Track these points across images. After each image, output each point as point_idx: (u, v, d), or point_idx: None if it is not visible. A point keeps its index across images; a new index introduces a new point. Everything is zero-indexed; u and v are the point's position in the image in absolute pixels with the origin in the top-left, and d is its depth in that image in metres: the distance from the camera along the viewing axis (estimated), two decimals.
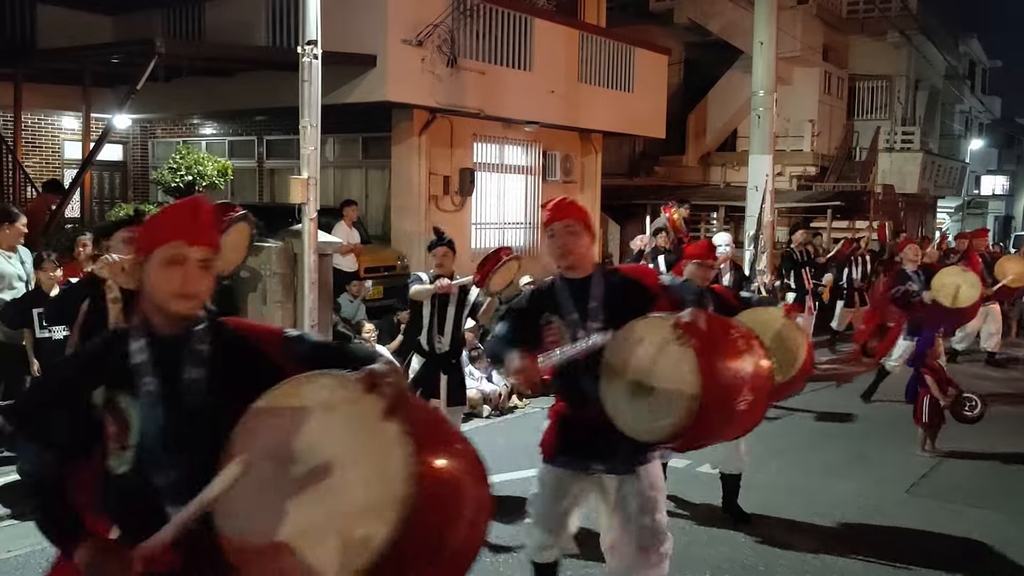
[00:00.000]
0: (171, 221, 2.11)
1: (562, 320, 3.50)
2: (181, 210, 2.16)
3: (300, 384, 2.00)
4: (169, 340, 2.09)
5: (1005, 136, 39.86)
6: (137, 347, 2.08)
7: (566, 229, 3.50)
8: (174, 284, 2.04)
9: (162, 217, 2.16)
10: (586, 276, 3.53)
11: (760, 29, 11.35)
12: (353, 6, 10.92)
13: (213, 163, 9.36)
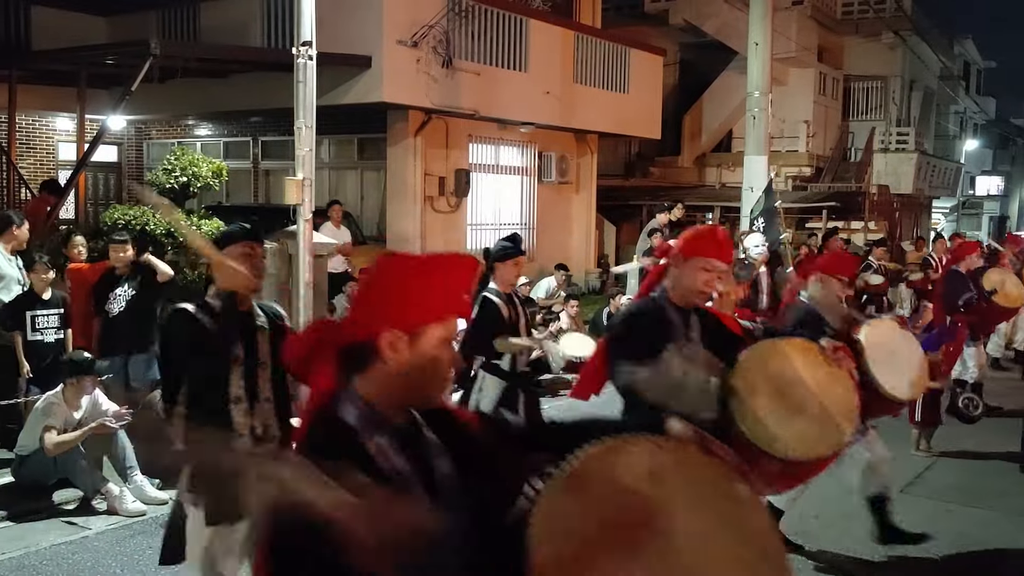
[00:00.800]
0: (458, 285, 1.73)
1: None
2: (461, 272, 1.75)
3: (608, 454, 1.68)
4: (402, 429, 1.69)
5: (1000, 137, 39.93)
6: (378, 448, 1.62)
7: (722, 272, 3.35)
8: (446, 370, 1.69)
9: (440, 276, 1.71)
10: (689, 308, 3.38)
11: (755, 30, 11.37)
12: (348, 7, 10.92)
13: (208, 164, 9.33)
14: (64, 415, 5.75)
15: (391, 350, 1.63)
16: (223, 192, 13.44)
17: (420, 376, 1.66)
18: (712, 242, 3.34)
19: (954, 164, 27.82)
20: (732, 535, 1.64)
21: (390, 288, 1.66)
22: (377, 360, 1.64)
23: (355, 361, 1.67)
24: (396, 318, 1.63)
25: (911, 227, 22.61)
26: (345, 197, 13.62)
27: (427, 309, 1.65)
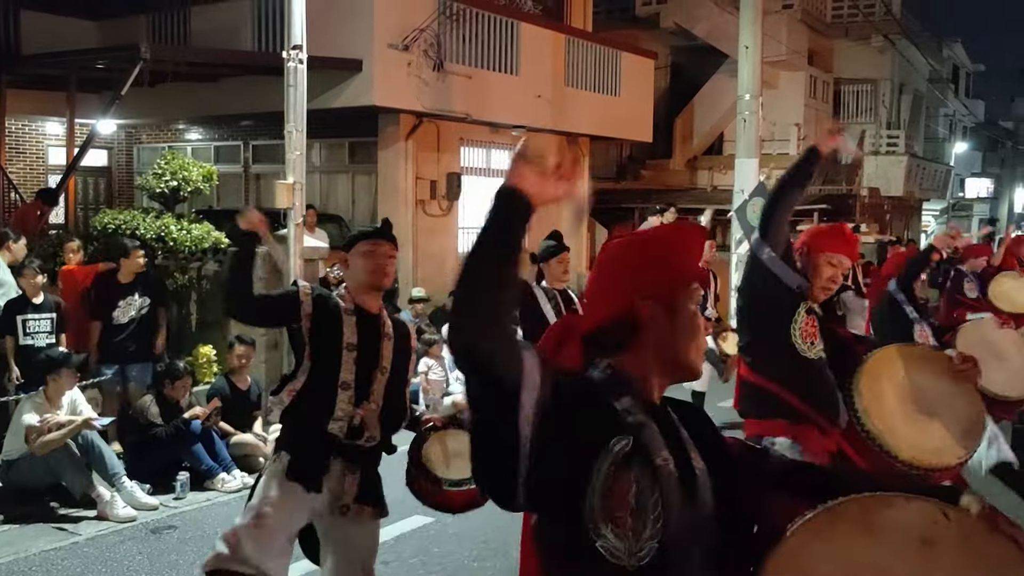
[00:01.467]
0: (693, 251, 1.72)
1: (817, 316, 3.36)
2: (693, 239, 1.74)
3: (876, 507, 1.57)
4: (658, 411, 1.62)
5: (989, 139, 40.16)
6: (624, 407, 1.55)
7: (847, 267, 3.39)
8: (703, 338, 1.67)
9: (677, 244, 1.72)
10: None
11: (745, 33, 11.40)
12: (339, 11, 10.91)
13: (198, 168, 9.31)
14: (46, 414, 5.74)
15: (652, 320, 1.60)
16: (214, 196, 13.40)
17: (680, 343, 1.63)
18: (840, 238, 3.39)
19: (944, 167, 27.96)
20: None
21: (634, 264, 1.66)
22: (633, 336, 1.61)
23: (606, 343, 1.64)
24: (649, 290, 1.61)
25: (902, 229, 22.70)
26: (336, 201, 13.61)
27: (676, 276, 1.64)
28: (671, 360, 1.63)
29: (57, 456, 5.67)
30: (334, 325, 3.23)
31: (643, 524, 1.46)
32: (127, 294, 6.85)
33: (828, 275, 3.27)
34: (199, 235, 8.56)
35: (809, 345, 3.22)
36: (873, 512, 1.56)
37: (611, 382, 1.59)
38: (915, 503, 1.56)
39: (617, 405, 1.55)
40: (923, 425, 3.09)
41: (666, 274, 1.64)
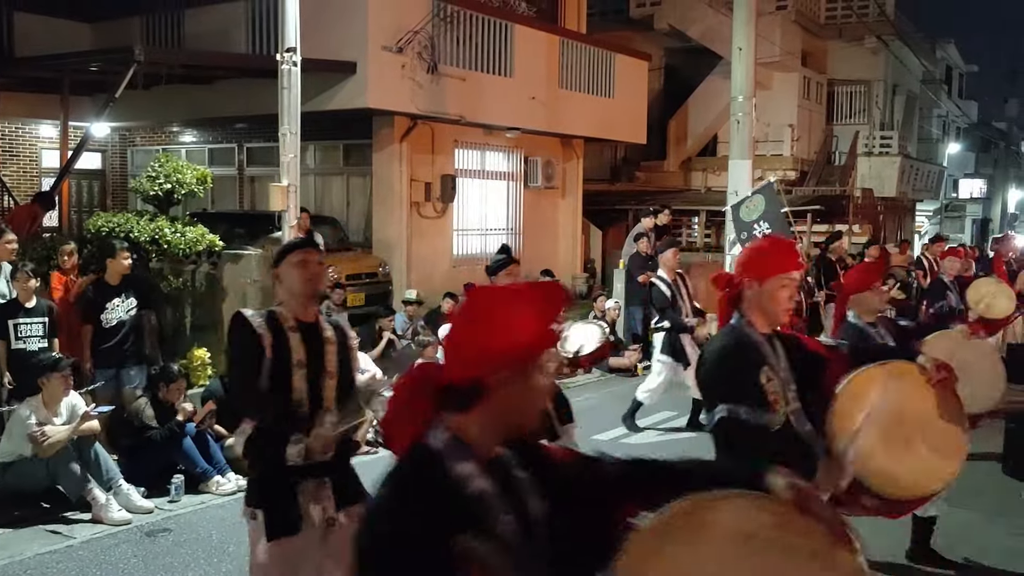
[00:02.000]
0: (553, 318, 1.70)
1: (777, 378, 3.09)
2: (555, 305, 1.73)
3: (696, 512, 1.62)
4: (496, 465, 1.65)
5: (982, 140, 40.29)
6: (464, 474, 1.60)
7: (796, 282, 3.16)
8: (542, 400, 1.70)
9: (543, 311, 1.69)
10: (768, 334, 3.16)
11: (739, 35, 11.42)
12: (333, 13, 10.92)
13: (192, 171, 9.31)
14: (43, 418, 5.73)
15: (500, 388, 1.62)
16: (208, 199, 13.40)
17: (525, 409, 1.67)
18: (783, 254, 3.19)
19: (937, 167, 28.05)
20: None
21: (490, 333, 1.63)
22: (480, 400, 1.63)
23: (457, 400, 1.65)
24: (502, 362, 1.61)
25: (895, 230, 22.76)
26: (331, 203, 13.61)
27: (529, 348, 1.64)
28: (514, 424, 1.67)
29: (54, 459, 5.66)
30: (284, 346, 3.25)
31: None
32: (114, 296, 6.83)
33: (786, 296, 3.12)
34: (193, 238, 8.56)
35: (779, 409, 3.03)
36: (697, 515, 1.60)
37: (450, 450, 1.62)
38: (734, 499, 1.62)
39: (456, 474, 1.59)
40: (903, 456, 3.00)
41: (519, 346, 1.63)
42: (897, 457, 2.99)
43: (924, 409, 3.07)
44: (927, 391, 3.08)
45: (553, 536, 1.66)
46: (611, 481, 1.79)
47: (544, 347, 1.68)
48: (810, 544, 1.60)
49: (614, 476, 1.80)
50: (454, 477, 1.59)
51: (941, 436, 3.06)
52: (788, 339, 3.24)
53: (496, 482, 1.62)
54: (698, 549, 1.58)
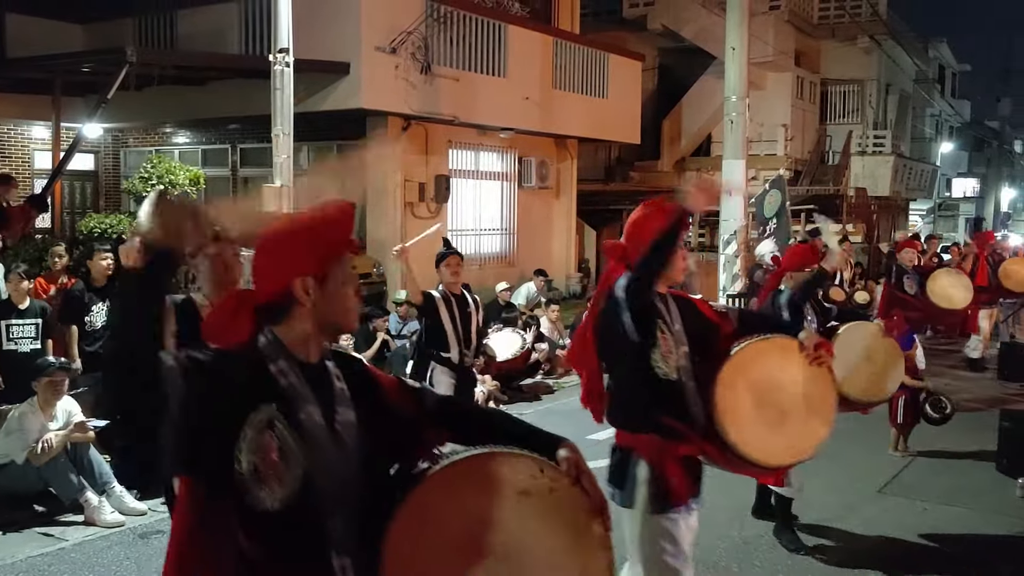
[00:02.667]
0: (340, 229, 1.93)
1: (672, 334, 3.28)
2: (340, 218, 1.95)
3: (490, 463, 1.86)
4: (313, 369, 1.88)
5: (975, 139, 40.41)
6: (279, 369, 1.84)
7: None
8: (352, 300, 1.91)
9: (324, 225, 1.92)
10: (663, 292, 3.34)
11: (732, 35, 11.45)
12: (326, 14, 10.91)
13: (185, 172, 9.31)
14: (39, 424, 5.70)
15: (305, 293, 1.85)
16: (201, 200, 13.37)
17: (332, 310, 1.88)
18: (656, 215, 3.30)
19: (930, 166, 28.13)
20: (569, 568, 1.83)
21: (288, 245, 1.88)
22: (292, 307, 1.86)
23: (271, 314, 1.88)
24: (302, 268, 1.85)
25: (888, 229, 22.80)
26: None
27: (326, 253, 1.88)
28: (326, 323, 1.89)
29: (55, 464, 5.64)
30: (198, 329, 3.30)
31: (286, 473, 1.75)
32: (99, 299, 6.78)
33: (680, 257, 3.30)
34: None
35: (669, 365, 3.22)
36: (487, 468, 1.85)
37: (270, 348, 1.86)
38: (522, 460, 1.85)
39: (272, 368, 1.83)
40: (776, 425, 3.25)
41: (316, 251, 1.87)
42: (771, 426, 3.24)
43: (799, 383, 3.28)
44: (804, 367, 3.27)
45: (361, 443, 1.87)
46: (427, 411, 2.00)
47: (341, 252, 1.90)
48: (572, 513, 1.83)
49: (431, 407, 2.01)
50: (269, 370, 1.83)
51: (812, 409, 3.30)
52: (682, 301, 3.40)
53: (309, 382, 1.84)
54: (479, 493, 1.83)
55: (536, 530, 1.83)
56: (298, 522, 1.78)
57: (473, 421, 2.07)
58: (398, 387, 2.04)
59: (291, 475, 1.76)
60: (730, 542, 5.24)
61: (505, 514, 1.83)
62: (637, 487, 3.22)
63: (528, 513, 1.83)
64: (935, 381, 7.92)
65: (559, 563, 1.83)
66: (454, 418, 2.03)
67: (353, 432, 1.86)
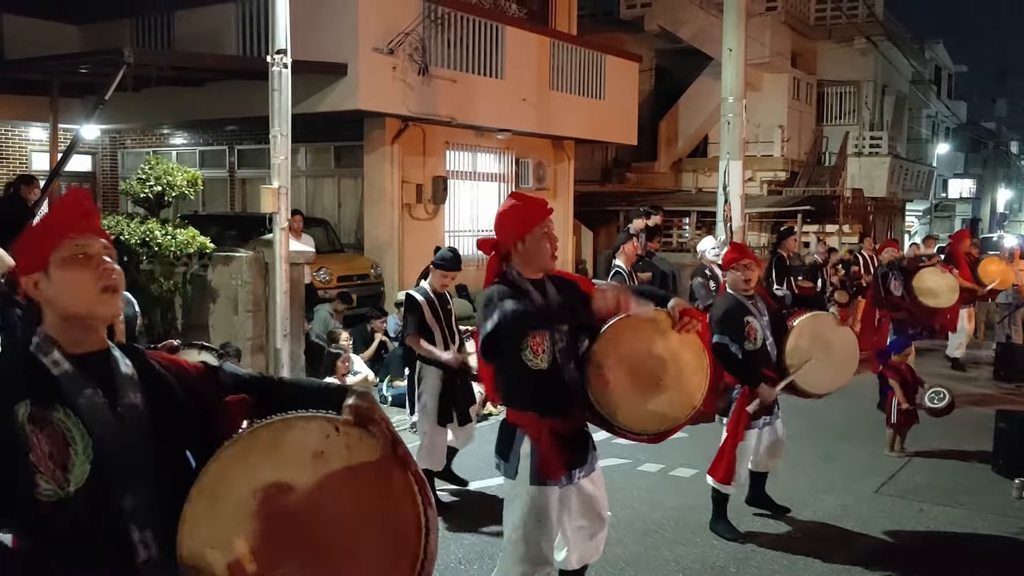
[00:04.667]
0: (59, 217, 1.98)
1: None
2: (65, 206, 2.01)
3: (283, 430, 1.86)
4: (92, 358, 1.91)
5: (971, 140, 40.50)
6: (52, 360, 1.87)
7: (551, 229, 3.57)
8: (88, 285, 1.89)
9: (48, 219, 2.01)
10: (540, 279, 3.58)
11: (729, 36, 11.46)
12: (324, 15, 10.92)
13: (183, 173, 9.27)
14: None
15: (35, 290, 1.91)
16: (199, 201, 13.38)
17: (62, 303, 1.89)
18: (529, 210, 3.55)
19: (927, 167, 28.18)
20: (377, 519, 1.83)
21: (21, 245, 1.95)
22: (40, 305, 1.92)
23: (31, 317, 1.94)
24: (26, 264, 1.92)
25: (885, 230, 22.86)
26: (322, 205, 13.60)
27: (43, 242, 1.91)
28: (69, 316, 1.90)
29: None
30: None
31: (69, 458, 1.79)
32: None
33: (553, 239, 3.55)
34: (184, 240, 8.54)
35: (541, 355, 3.43)
36: (280, 434, 1.85)
37: (39, 344, 1.89)
38: (315, 422, 1.85)
39: (46, 361, 1.86)
40: (651, 393, 3.47)
41: (38, 248, 1.91)
42: (647, 395, 3.47)
43: (671, 351, 3.49)
44: (675, 336, 3.47)
45: (149, 424, 1.91)
46: (225, 388, 2.07)
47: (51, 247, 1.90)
48: (373, 467, 1.84)
49: (227, 384, 2.08)
50: (40, 363, 1.86)
51: (687, 374, 3.51)
52: (563, 282, 3.62)
53: (87, 370, 1.88)
54: (274, 458, 1.83)
55: (338, 491, 1.83)
56: (91, 502, 1.81)
57: (273, 391, 2.10)
58: (196, 371, 2.10)
59: (75, 459, 1.80)
60: (727, 543, 5.25)
61: (304, 479, 1.82)
62: (520, 460, 3.47)
63: (327, 475, 1.83)
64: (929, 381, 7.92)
65: (366, 521, 1.83)
66: (253, 391, 2.08)
67: (139, 414, 1.90)
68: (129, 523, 1.84)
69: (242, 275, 7.81)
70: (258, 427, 1.88)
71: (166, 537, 1.85)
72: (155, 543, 1.86)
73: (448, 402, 5.78)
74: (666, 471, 6.65)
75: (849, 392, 8.80)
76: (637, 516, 5.66)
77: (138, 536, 1.84)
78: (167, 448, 1.93)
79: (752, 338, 5.18)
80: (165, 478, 1.89)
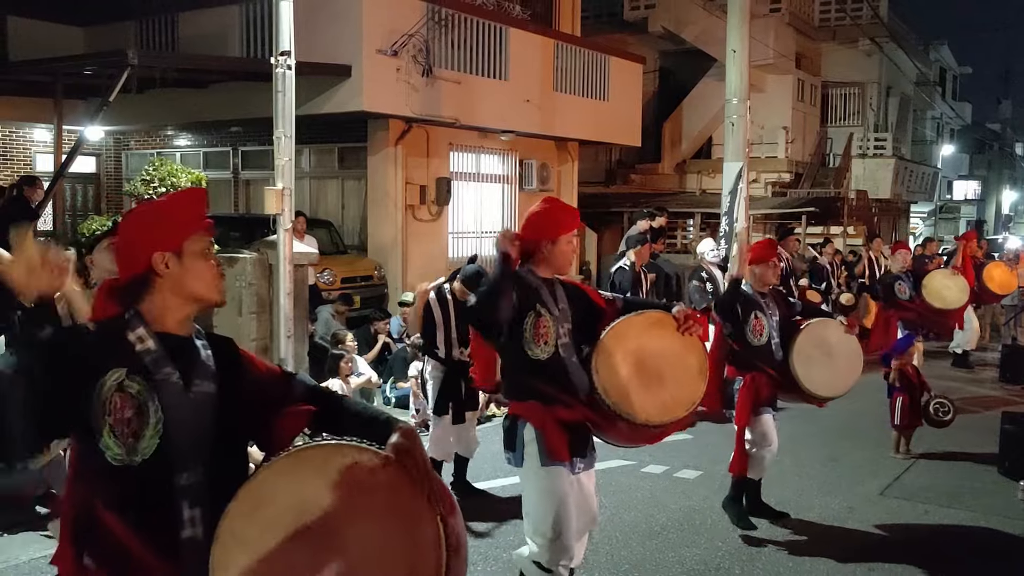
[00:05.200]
0: (192, 211, 2.14)
1: (556, 313, 3.68)
2: (193, 200, 2.20)
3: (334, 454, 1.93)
4: (176, 339, 2.06)
5: (976, 141, 40.42)
6: (137, 336, 2.01)
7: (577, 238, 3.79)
8: (211, 272, 2.10)
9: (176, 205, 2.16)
10: (551, 278, 3.76)
11: (733, 37, 11.42)
12: (327, 16, 10.92)
13: (187, 174, 9.30)
14: None
15: (164, 267, 2.04)
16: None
17: (190, 281, 2.07)
18: (565, 216, 3.78)
19: (931, 169, 28.12)
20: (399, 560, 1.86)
21: (144, 227, 2.09)
22: (152, 281, 2.05)
23: (133, 293, 2.06)
24: (159, 244, 2.05)
25: (889, 232, 22.82)
26: (326, 206, 13.60)
27: (180, 229, 2.08)
28: (187, 295, 2.07)
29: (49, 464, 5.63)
30: None
31: (141, 429, 1.93)
32: None
33: (571, 250, 3.75)
34: None
35: (543, 345, 3.62)
36: (330, 457, 1.91)
37: (132, 319, 2.02)
38: (365, 454, 1.91)
39: (131, 337, 2.00)
40: (655, 387, 3.60)
41: (170, 229, 2.07)
42: (648, 388, 3.59)
43: (674, 351, 3.65)
44: (678, 337, 3.65)
45: (217, 409, 2.04)
46: (294, 396, 2.16)
47: (194, 229, 2.09)
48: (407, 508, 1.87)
49: (298, 393, 2.17)
50: (128, 336, 2.00)
51: (688, 372, 3.65)
52: (571, 288, 3.83)
53: (170, 351, 2.01)
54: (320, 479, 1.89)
55: (368, 525, 1.88)
56: (152, 474, 1.94)
57: (334, 410, 2.18)
58: (271, 372, 2.22)
59: (146, 431, 1.94)
60: (732, 545, 5.24)
61: (341, 506, 1.88)
62: (525, 447, 3.61)
63: (363, 507, 1.88)
64: (934, 384, 7.91)
65: (388, 559, 1.86)
66: (319, 403, 2.16)
67: (210, 399, 2.04)
68: (182, 499, 1.97)
69: (246, 276, 7.80)
70: (312, 446, 1.96)
71: (212, 520, 1.94)
72: (201, 522, 1.98)
73: (446, 396, 5.99)
74: (670, 473, 6.64)
75: (854, 394, 8.77)
76: (641, 518, 5.64)
77: (187, 513, 1.97)
78: (228, 435, 2.06)
79: (758, 333, 5.24)
80: (222, 463, 2.03)
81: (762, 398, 5.31)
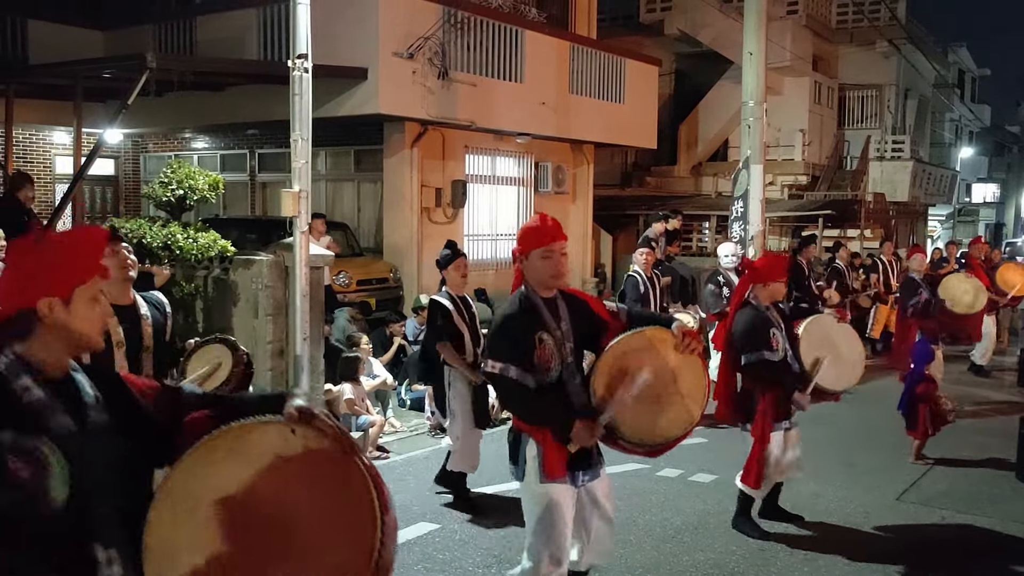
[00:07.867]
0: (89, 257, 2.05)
1: (552, 338, 3.62)
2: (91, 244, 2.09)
3: (243, 434, 1.94)
4: (61, 383, 1.97)
5: (995, 144, 40.10)
6: (22, 385, 1.90)
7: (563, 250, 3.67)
8: (97, 322, 2.03)
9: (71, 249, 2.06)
10: (553, 296, 3.71)
11: (750, 40, 11.40)
12: (344, 20, 10.97)
13: (204, 177, 9.33)
14: None
15: (50, 312, 1.94)
16: (220, 204, 13.46)
17: (75, 330, 1.98)
18: (541, 231, 3.66)
19: (950, 171, 27.91)
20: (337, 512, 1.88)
21: (33, 267, 1.97)
22: (35, 324, 1.94)
23: (13, 330, 1.95)
24: (46, 289, 1.95)
25: (907, 235, 22.66)
26: (342, 209, 13.65)
27: (71, 275, 1.98)
28: (71, 341, 1.98)
29: None
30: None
31: (46, 485, 1.82)
32: None
33: (555, 263, 3.64)
34: (205, 243, 8.59)
35: (549, 373, 3.59)
36: (240, 438, 1.93)
37: (12, 366, 1.91)
38: (272, 425, 1.93)
39: (16, 386, 1.89)
40: (654, 409, 3.59)
41: (63, 275, 1.97)
42: (647, 410, 3.57)
43: (672, 369, 3.60)
44: (677, 355, 3.59)
45: (116, 442, 1.97)
46: (186, 404, 2.13)
47: (89, 275, 2.00)
48: (330, 465, 1.89)
49: (190, 401, 2.15)
50: (11, 389, 1.88)
51: (686, 392, 3.61)
52: (574, 300, 3.77)
53: (57, 394, 1.92)
54: (236, 461, 1.91)
55: (298, 490, 1.89)
56: (62, 522, 1.86)
57: (229, 406, 2.15)
58: (154, 388, 2.17)
59: (52, 486, 1.84)
60: (746, 549, 5.23)
61: (264, 479, 1.89)
62: (528, 463, 3.63)
63: (289, 476, 1.89)
64: (951, 389, 7.87)
65: (330, 519, 1.87)
66: (213, 407, 2.14)
67: (107, 434, 1.97)
68: (95, 541, 1.89)
69: (263, 279, 7.84)
70: (219, 433, 1.95)
71: (131, 556, 1.91)
72: (119, 560, 1.91)
73: (483, 405, 5.86)
74: (685, 476, 6.62)
75: (871, 399, 8.79)
76: (656, 522, 5.64)
77: (103, 555, 1.89)
78: (134, 468, 2.00)
79: (776, 349, 5.17)
80: (131, 497, 1.96)
81: (780, 412, 5.26)
